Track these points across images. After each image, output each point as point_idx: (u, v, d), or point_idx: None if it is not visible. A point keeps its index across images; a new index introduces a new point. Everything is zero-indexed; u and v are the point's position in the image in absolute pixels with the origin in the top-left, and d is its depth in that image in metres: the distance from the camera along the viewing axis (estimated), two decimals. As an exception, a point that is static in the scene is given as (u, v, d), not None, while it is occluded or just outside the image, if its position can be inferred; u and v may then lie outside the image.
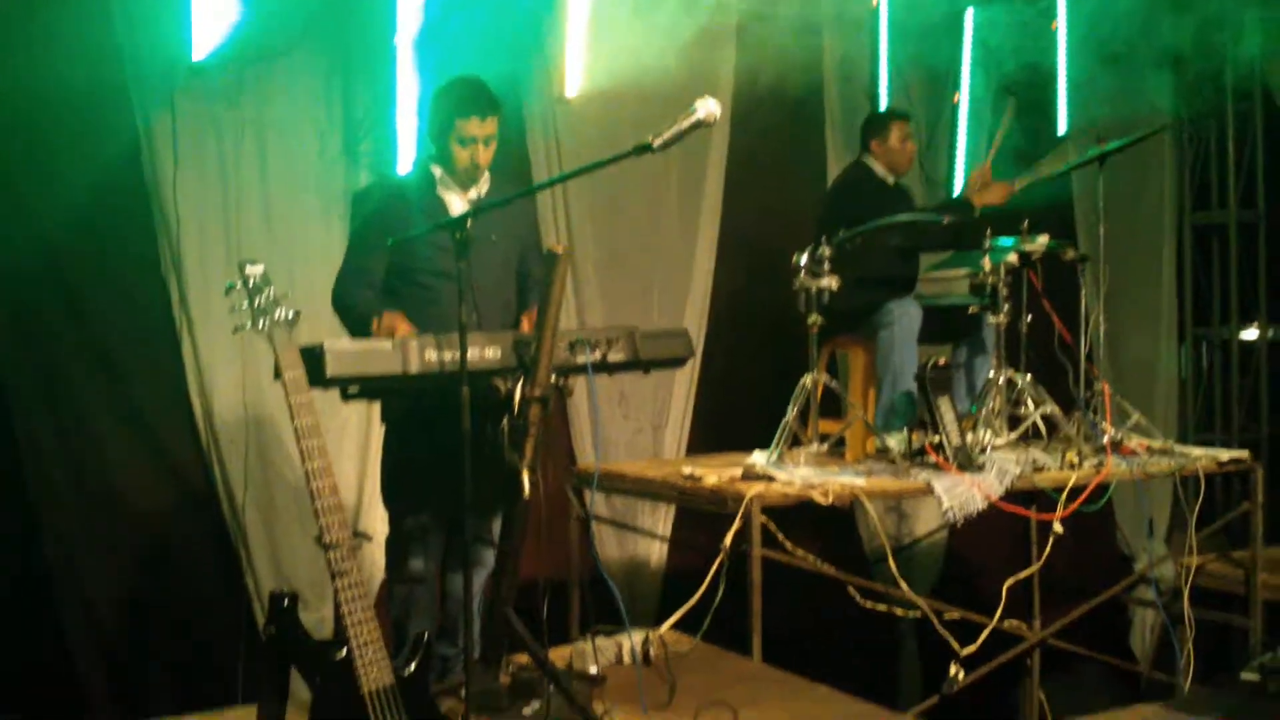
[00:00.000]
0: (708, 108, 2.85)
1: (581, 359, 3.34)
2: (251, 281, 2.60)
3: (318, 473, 2.55)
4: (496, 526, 3.56)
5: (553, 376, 3.20)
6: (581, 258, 5.38)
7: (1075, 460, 4.50)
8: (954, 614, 4.48)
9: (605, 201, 5.44)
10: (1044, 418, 4.76)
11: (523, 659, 3.43)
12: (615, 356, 3.42)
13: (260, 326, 2.59)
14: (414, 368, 3.16)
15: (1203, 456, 4.85)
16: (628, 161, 2.95)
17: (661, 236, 5.66)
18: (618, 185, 5.39)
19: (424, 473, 3.54)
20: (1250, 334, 7.80)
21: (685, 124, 2.85)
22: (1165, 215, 7.55)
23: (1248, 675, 3.84)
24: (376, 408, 4.08)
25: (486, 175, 3.74)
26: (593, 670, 3.71)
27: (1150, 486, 6.34)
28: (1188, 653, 5.09)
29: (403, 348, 3.16)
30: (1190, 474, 4.72)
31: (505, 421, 3.11)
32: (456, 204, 3.68)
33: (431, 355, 3.18)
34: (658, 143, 2.83)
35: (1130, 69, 7.19)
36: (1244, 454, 5.00)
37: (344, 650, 2.49)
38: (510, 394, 3.11)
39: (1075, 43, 6.46)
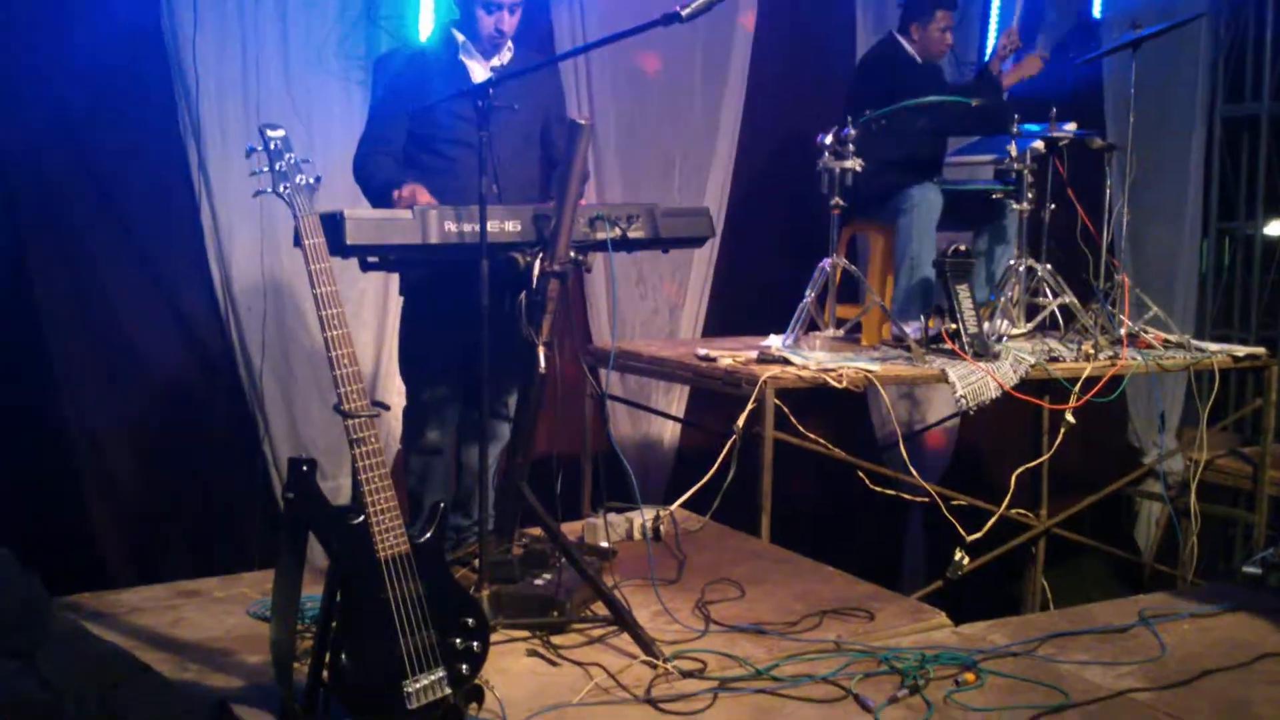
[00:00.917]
0: (737, -24, 2.79)
1: (601, 235, 3.32)
2: (273, 145, 2.56)
3: (337, 341, 2.55)
4: (513, 401, 3.58)
5: (572, 252, 3.18)
6: (603, 132, 5.31)
7: (1091, 351, 4.49)
8: (962, 501, 4.53)
9: (627, 75, 5.35)
10: (1062, 308, 4.75)
11: (535, 532, 3.49)
12: (635, 234, 3.39)
13: (282, 190, 2.56)
14: (433, 238, 3.15)
15: (1219, 352, 4.84)
16: (652, 34, 2.89)
17: (684, 113, 5.58)
18: (641, 60, 5.29)
19: (441, 345, 3.55)
20: (1275, 229, 7.70)
21: (714, -5, 2.79)
22: (1196, 106, 7.39)
23: (1249, 569, 3.88)
24: (394, 279, 4.07)
25: (510, 44, 3.67)
26: (604, 544, 3.78)
27: (1164, 380, 6.34)
28: (1191, 546, 5.15)
29: (422, 218, 3.14)
30: (1205, 369, 4.71)
31: (523, 296, 3.10)
32: (479, 72, 3.62)
33: (451, 226, 3.16)
34: (686, 13, 2.78)
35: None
36: (1260, 350, 4.99)
37: (361, 517, 2.52)
38: (529, 268, 3.10)
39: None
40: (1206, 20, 7.30)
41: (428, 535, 2.62)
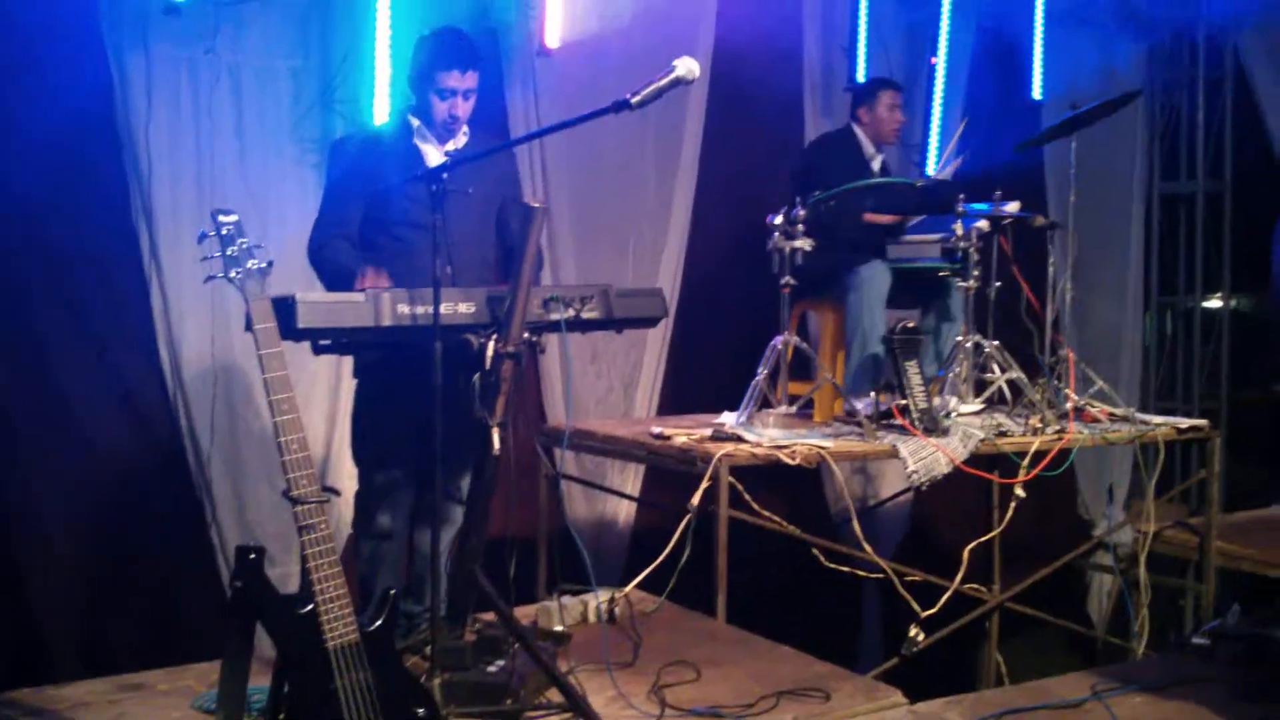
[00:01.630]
0: (687, 65, 2.86)
1: (555, 316, 3.33)
2: (225, 230, 2.57)
3: (286, 426, 2.54)
4: (466, 483, 3.56)
5: (526, 333, 3.19)
6: (557, 214, 5.36)
7: (1038, 426, 4.55)
8: (916, 576, 4.54)
9: (583, 158, 5.41)
10: (1009, 383, 4.81)
11: (489, 617, 3.45)
12: (589, 314, 3.41)
13: (233, 276, 2.56)
14: (386, 321, 3.15)
15: (1163, 424, 4.91)
16: (606, 118, 2.94)
17: (638, 194, 5.65)
18: (595, 142, 5.37)
19: (394, 428, 3.54)
20: (1214, 303, 7.89)
21: (664, 81, 2.85)
22: (1135, 184, 7.61)
23: (1198, 641, 3.91)
24: (347, 361, 4.07)
25: (465, 128, 3.72)
26: (558, 628, 3.75)
27: (1111, 453, 6.44)
28: (1142, 618, 5.18)
29: (375, 300, 3.14)
30: (1150, 441, 4.78)
31: (477, 377, 3.10)
32: (434, 156, 3.66)
33: (404, 309, 3.17)
34: (636, 100, 2.83)
35: (1104, 36, 7.22)
36: (1203, 423, 5.08)
37: (310, 605, 2.49)
38: (482, 349, 3.11)
39: (1051, 8, 6.45)
40: (1142, 101, 7.55)
41: (378, 623, 2.59)
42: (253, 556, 2.49)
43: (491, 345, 3.10)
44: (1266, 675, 3.63)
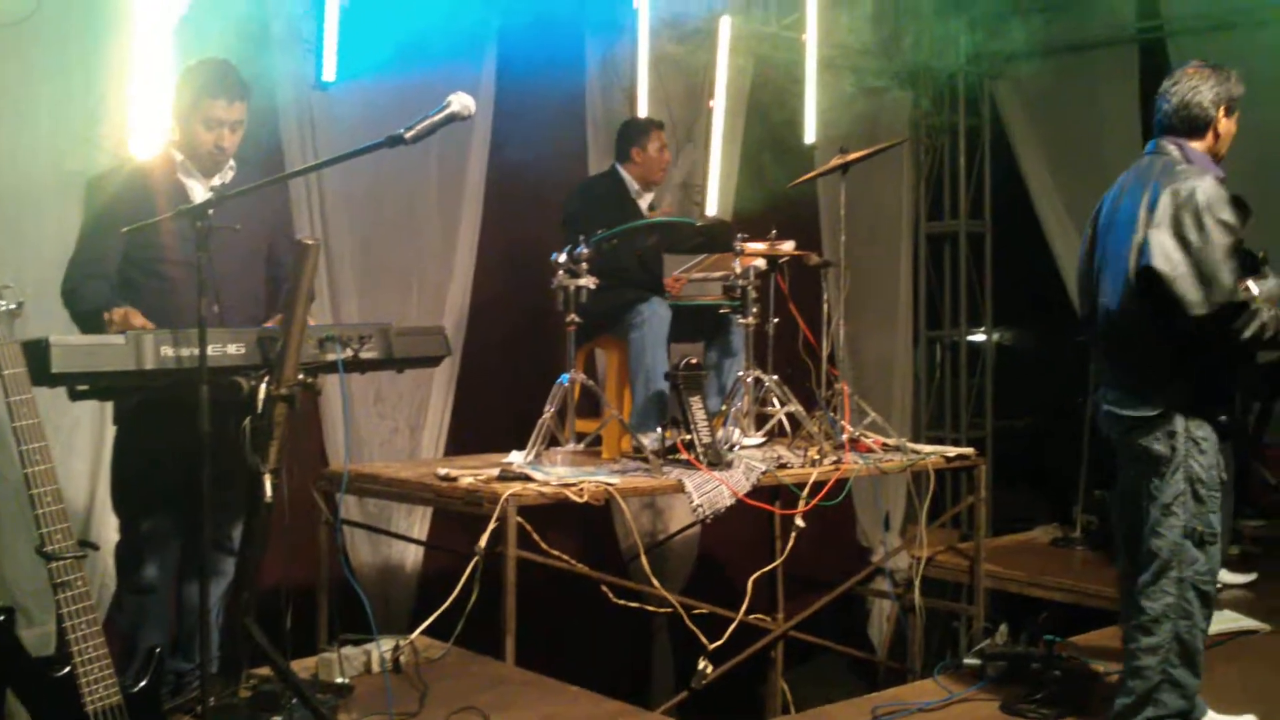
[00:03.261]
0: (461, 101, 2.85)
1: (331, 356, 3.24)
2: (-35, 271, 2.40)
3: (39, 478, 2.39)
4: (238, 533, 3.41)
5: (300, 374, 3.09)
6: (337, 251, 5.24)
7: (816, 457, 4.69)
8: (703, 609, 4.60)
9: (363, 194, 5.31)
10: (789, 416, 4.95)
11: (265, 672, 3.31)
12: (368, 354, 3.33)
13: (-24, 319, 2.40)
14: (149, 364, 2.99)
15: (932, 453, 5.14)
16: (387, 154, 2.88)
17: (421, 232, 5.57)
18: (376, 178, 5.29)
19: (159, 475, 3.36)
20: (978, 337, 8.35)
21: (438, 117, 2.83)
22: (903, 224, 8.00)
23: (969, 661, 4.09)
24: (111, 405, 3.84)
25: (231, 162, 3.59)
26: (340, 680, 3.63)
27: (886, 482, 6.69)
28: (918, 640, 5.39)
29: (136, 342, 2.98)
30: (921, 470, 4.99)
31: (247, 422, 2.98)
32: (198, 191, 3.51)
33: (168, 351, 3.02)
34: (410, 134, 2.79)
35: (873, 82, 7.58)
36: (970, 451, 5.34)
37: (67, 668, 2.33)
38: (253, 392, 2.99)
39: (821, 55, 6.72)
40: (908, 145, 7.95)
41: (143, 683, 2.46)
42: (2, 619, 2.31)
43: (263, 388, 2.99)
44: (1028, 691, 3.81)
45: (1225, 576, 5.16)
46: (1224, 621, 4.51)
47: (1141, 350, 3.31)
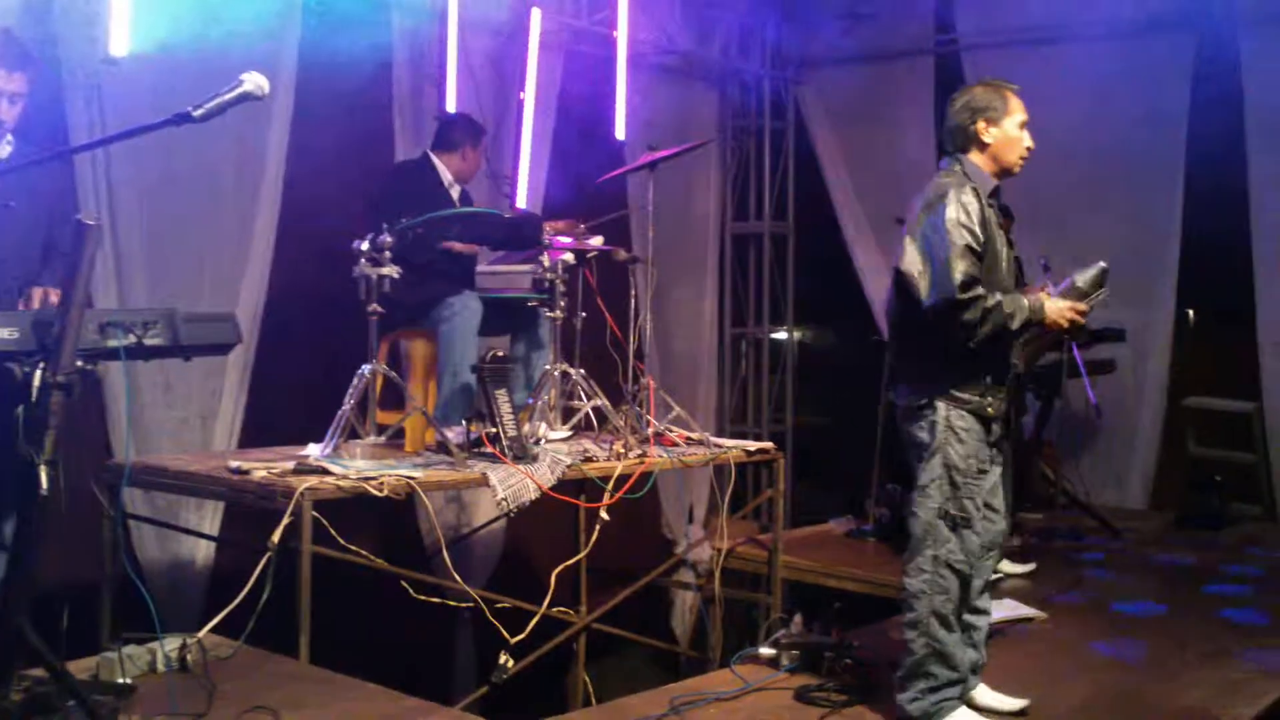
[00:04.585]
0: (255, 80, 2.76)
1: (113, 343, 3.08)
2: None
3: None
4: (10, 528, 3.20)
5: (80, 361, 2.92)
6: (126, 234, 5.00)
7: (621, 451, 4.72)
8: (506, 603, 4.57)
9: (155, 174, 5.06)
10: (595, 410, 4.97)
11: (40, 673, 3.12)
12: (152, 340, 3.17)
13: None
14: (-91, 349, 2.78)
15: (734, 447, 5.24)
16: (182, 134, 2.76)
17: (217, 215, 5.36)
18: (170, 159, 5.05)
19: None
20: (780, 335, 8.58)
21: (230, 95, 2.73)
22: (710, 223, 8.14)
23: (765, 651, 4.19)
24: None
25: (9, 137, 3.38)
26: (122, 681, 3.45)
27: (691, 475, 6.80)
28: (718, 631, 5.50)
29: (-105, 326, 2.78)
30: (723, 463, 5.09)
31: (21, 410, 2.80)
32: (-29, 167, 3.29)
33: (-69, 335, 2.82)
34: (199, 113, 2.68)
35: (681, 84, 7.69)
36: (769, 445, 5.47)
37: None
38: (28, 379, 2.81)
39: (633, 54, 6.77)
40: (716, 146, 8.10)
41: (-106, 690, 2.27)
42: None
43: (39, 374, 2.82)
44: (821, 679, 3.93)
45: (1006, 566, 5.43)
46: (1004, 609, 4.75)
47: (914, 345, 3.55)
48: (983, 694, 3.62)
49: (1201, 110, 6.94)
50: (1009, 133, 3.49)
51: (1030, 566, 5.68)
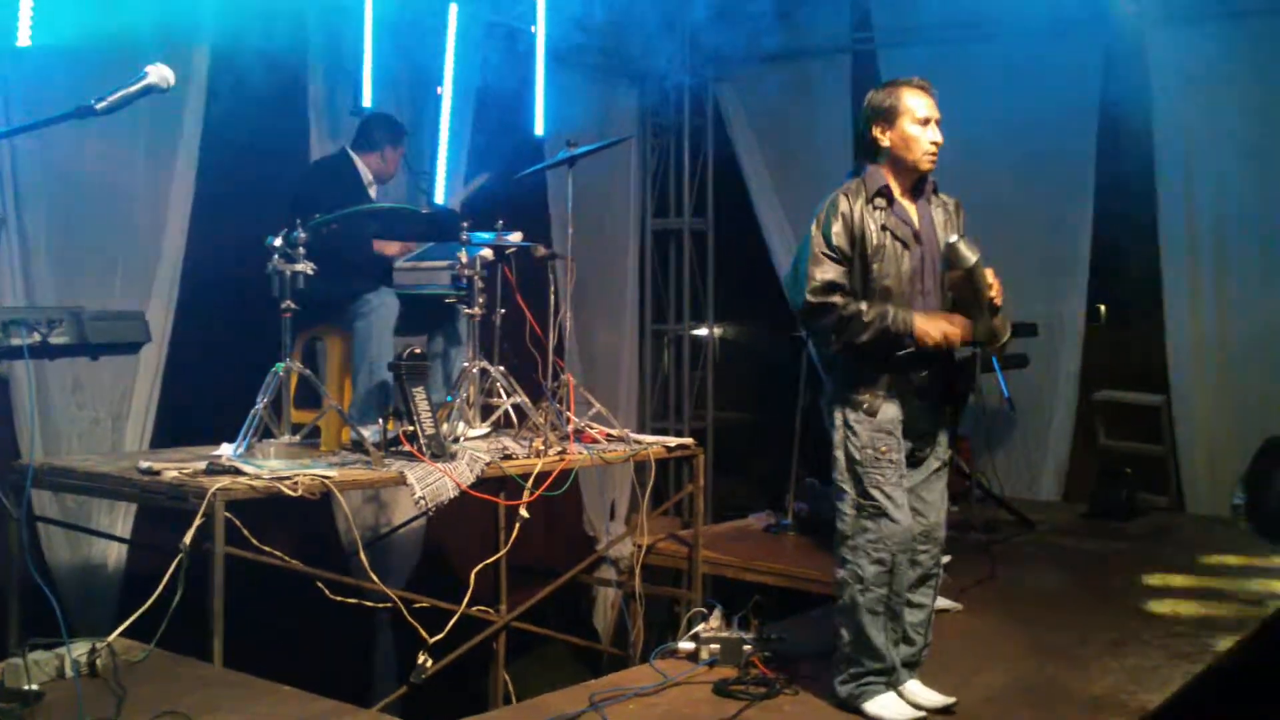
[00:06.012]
0: (160, 73, 2.72)
1: (17, 341, 3.01)
2: None
3: None
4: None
5: (-20, 361, 2.85)
6: (33, 228, 4.89)
7: (541, 448, 4.71)
8: (424, 603, 4.54)
9: (62, 169, 4.95)
10: (515, 407, 4.95)
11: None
12: (58, 339, 3.11)
13: None
14: None
15: (654, 443, 5.26)
16: (90, 128, 2.70)
17: (128, 211, 5.25)
18: (78, 153, 4.95)
19: None
20: (701, 331, 8.62)
21: (134, 88, 2.69)
22: (630, 219, 8.15)
23: (684, 645, 4.21)
24: None
25: (-97, 129, 3.28)
26: (28, 687, 3.37)
27: (612, 471, 6.81)
28: (639, 627, 5.51)
29: None
30: (644, 459, 5.10)
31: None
32: None
33: None
34: (101, 106, 2.63)
35: (600, 80, 7.69)
36: (690, 441, 5.49)
37: None
38: (-76, 381, 2.74)
39: (551, 49, 6.75)
40: (636, 142, 8.11)
41: None
42: None
43: (-64, 374, 2.74)
44: (741, 672, 3.96)
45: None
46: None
47: (819, 347, 3.66)
48: (913, 688, 3.67)
49: (1111, 108, 7.10)
50: (906, 132, 3.50)
51: (946, 559, 5.76)
